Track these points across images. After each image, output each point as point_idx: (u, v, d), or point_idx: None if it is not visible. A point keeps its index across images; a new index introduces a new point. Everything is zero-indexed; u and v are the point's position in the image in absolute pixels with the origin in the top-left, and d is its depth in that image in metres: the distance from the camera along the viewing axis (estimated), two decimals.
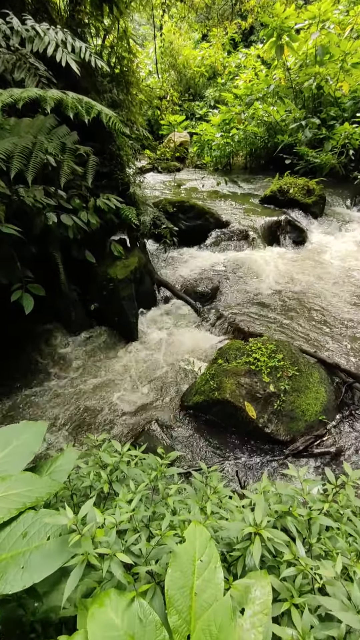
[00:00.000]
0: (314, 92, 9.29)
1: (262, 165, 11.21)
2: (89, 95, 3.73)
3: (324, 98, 9.51)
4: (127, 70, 5.55)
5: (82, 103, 2.83)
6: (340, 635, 1.06)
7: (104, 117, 2.94)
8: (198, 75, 14.39)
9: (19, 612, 1.17)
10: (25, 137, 2.83)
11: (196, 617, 1.02)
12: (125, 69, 5.48)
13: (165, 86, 12.49)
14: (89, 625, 0.94)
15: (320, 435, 3.40)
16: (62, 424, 3.49)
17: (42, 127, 2.92)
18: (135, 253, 4.81)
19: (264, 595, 1.14)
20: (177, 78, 14.24)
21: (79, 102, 2.82)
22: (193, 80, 14.59)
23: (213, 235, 6.65)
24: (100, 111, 2.98)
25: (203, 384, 3.58)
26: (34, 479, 1.24)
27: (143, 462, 1.74)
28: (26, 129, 2.89)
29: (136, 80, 6.00)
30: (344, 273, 6.05)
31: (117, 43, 5.29)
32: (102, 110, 3.01)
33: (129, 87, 5.57)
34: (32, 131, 2.93)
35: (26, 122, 2.97)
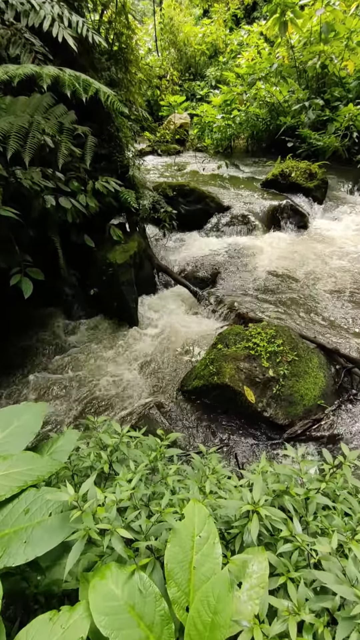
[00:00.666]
0: (318, 72, 9.03)
1: (263, 148, 10.99)
2: (87, 73, 3.62)
3: (328, 78, 9.24)
4: (126, 48, 5.37)
5: (79, 80, 2.75)
6: (335, 606, 1.10)
7: (102, 95, 2.86)
8: (199, 53, 13.94)
9: (22, 584, 1.21)
10: (22, 116, 2.76)
11: (195, 589, 1.05)
12: (124, 46, 5.31)
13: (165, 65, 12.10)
14: (90, 596, 0.97)
15: (318, 420, 3.44)
16: (62, 407, 3.52)
17: (39, 105, 2.84)
18: (134, 238, 4.77)
19: (260, 570, 1.17)
20: (178, 56, 13.79)
21: (76, 80, 2.74)
22: (194, 59, 14.14)
23: (213, 220, 6.57)
24: (99, 89, 2.90)
25: (202, 369, 3.60)
26: (35, 458, 1.26)
27: (143, 444, 1.77)
28: (22, 107, 2.82)
29: (135, 58, 5.82)
30: (345, 258, 6.01)
31: (116, 18, 5.10)
32: (101, 88, 2.92)
33: (128, 66, 5.40)
34: (28, 110, 2.86)
35: (22, 100, 2.89)
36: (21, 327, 4.15)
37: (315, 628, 1.05)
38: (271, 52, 9.49)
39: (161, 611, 1.00)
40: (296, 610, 1.06)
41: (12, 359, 3.97)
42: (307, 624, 1.06)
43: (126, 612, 0.98)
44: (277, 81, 9.24)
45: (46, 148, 3.38)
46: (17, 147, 2.72)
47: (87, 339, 4.36)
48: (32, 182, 3.28)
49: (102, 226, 4.49)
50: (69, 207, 3.59)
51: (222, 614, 0.98)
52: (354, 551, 1.21)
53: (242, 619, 1.05)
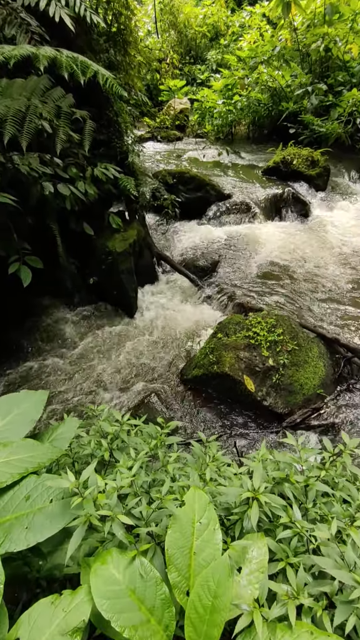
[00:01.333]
0: (321, 55, 8.80)
1: (265, 135, 10.79)
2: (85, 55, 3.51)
3: (332, 61, 9.02)
4: (125, 29, 5.21)
5: (77, 62, 2.67)
6: (333, 591, 1.11)
7: (100, 78, 2.79)
8: (200, 35, 13.56)
9: (24, 569, 1.22)
10: (18, 99, 2.69)
11: (195, 574, 1.06)
12: (123, 27, 5.15)
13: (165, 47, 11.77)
14: (91, 580, 0.98)
15: (318, 408, 3.45)
16: (62, 396, 3.53)
17: (36, 88, 2.77)
18: (134, 226, 4.71)
19: (260, 555, 1.18)
20: (178, 39, 13.42)
21: (73, 61, 2.66)
22: (194, 42, 13.76)
23: (214, 208, 6.49)
24: (97, 71, 2.82)
25: (202, 358, 3.60)
26: (35, 446, 1.26)
27: (143, 432, 1.77)
28: (19, 90, 2.74)
29: (134, 40, 5.66)
30: (346, 248, 5.96)
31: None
32: (99, 70, 2.84)
33: (127, 48, 5.26)
34: (25, 93, 2.78)
35: (19, 83, 2.82)
36: (21, 315, 4.13)
37: (314, 612, 1.07)
38: (274, 35, 9.25)
39: (162, 595, 1.01)
40: (295, 595, 1.07)
41: (11, 348, 3.96)
42: (306, 607, 1.08)
43: (127, 596, 0.99)
44: (280, 65, 9.02)
45: (44, 133, 3.31)
46: (14, 131, 2.66)
47: (86, 328, 4.34)
48: (29, 168, 3.22)
49: (101, 214, 4.43)
50: (68, 193, 3.53)
51: (222, 598, 0.99)
52: (353, 537, 1.22)
53: (242, 603, 1.06)
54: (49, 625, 0.94)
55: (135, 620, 0.96)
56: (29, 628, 0.95)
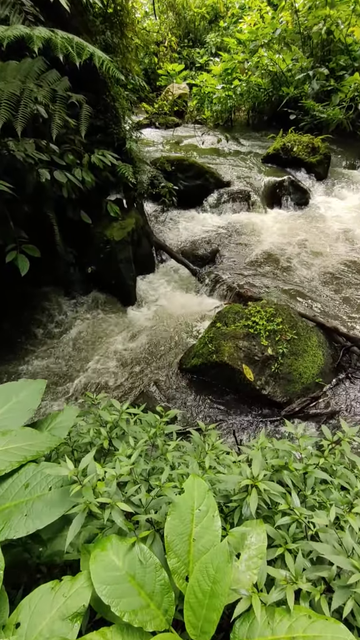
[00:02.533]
0: (323, 38, 8.59)
1: (265, 121, 10.61)
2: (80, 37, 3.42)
3: (333, 45, 8.80)
4: (122, 10, 5.07)
5: (72, 43, 2.59)
6: (331, 576, 1.12)
7: (96, 60, 2.71)
8: (199, 17, 13.18)
9: (24, 555, 1.23)
10: (12, 82, 2.62)
11: (194, 560, 1.07)
12: (120, 8, 5.00)
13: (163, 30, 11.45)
14: (91, 566, 0.98)
15: (316, 397, 3.47)
16: (61, 385, 3.53)
17: (30, 71, 2.69)
18: (132, 214, 4.65)
19: (259, 542, 1.19)
20: (176, 21, 13.04)
21: (69, 43, 2.58)
22: (193, 24, 13.39)
23: (213, 196, 6.41)
24: (93, 53, 2.74)
25: (201, 347, 3.59)
26: (34, 434, 1.25)
27: (142, 420, 1.77)
28: (13, 73, 2.66)
29: (131, 22, 5.51)
30: (347, 237, 5.91)
31: None
32: (95, 52, 2.76)
33: (124, 30, 5.11)
34: (19, 76, 2.70)
35: (12, 65, 2.73)
36: (19, 305, 4.11)
37: (312, 596, 1.08)
38: (275, 17, 9.00)
39: (161, 580, 1.02)
40: (293, 579, 1.08)
41: (10, 337, 3.95)
42: (304, 592, 1.09)
43: (127, 582, 1.00)
44: (280, 48, 8.81)
45: (39, 118, 3.23)
46: (8, 116, 2.59)
47: (85, 317, 4.33)
48: (25, 155, 3.15)
49: (98, 202, 4.37)
50: (65, 181, 3.47)
51: (221, 583, 1.00)
52: (351, 523, 1.23)
53: (240, 588, 1.07)
54: (50, 610, 0.95)
55: (134, 605, 0.96)
56: (29, 613, 0.96)
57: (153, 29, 11.32)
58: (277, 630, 0.98)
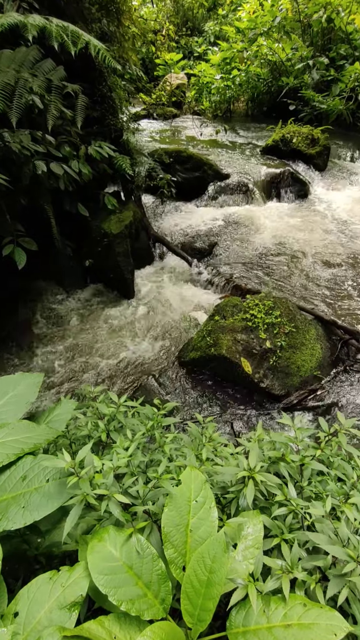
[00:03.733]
0: (323, 26, 8.45)
1: (264, 112, 10.49)
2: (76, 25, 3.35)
3: (334, 33, 8.68)
4: None
5: (67, 32, 2.54)
6: (326, 565, 1.13)
7: (92, 49, 2.66)
8: (197, 5, 12.94)
9: (23, 546, 1.25)
10: (7, 72, 2.57)
11: (191, 550, 1.08)
12: None
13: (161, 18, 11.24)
14: (89, 557, 0.99)
15: (314, 390, 3.48)
16: (59, 379, 3.54)
17: (25, 60, 2.64)
18: (130, 207, 4.61)
19: (256, 532, 1.21)
20: (174, 8, 12.80)
21: (64, 31, 2.53)
22: (191, 12, 13.14)
23: (212, 189, 6.35)
24: (89, 42, 2.69)
25: (200, 340, 3.59)
26: (31, 427, 1.26)
27: (140, 413, 1.77)
28: (7, 62, 2.62)
29: (129, 9, 5.40)
30: (346, 229, 5.89)
31: None
32: (91, 41, 2.71)
33: (121, 17, 5.01)
34: (14, 65, 2.66)
35: (7, 54, 2.69)
36: (17, 299, 4.09)
37: (308, 585, 1.09)
38: (274, 4, 8.83)
39: (158, 570, 1.03)
40: (289, 569, 1.09)
41: (8, 331, 3.94)
42: (300, 581, 1.10)
43: (124, 572, 1.01)
44: (280, 37, 8.67)
45: (35, 109, 3.18)
46: (3, 106, 2.55)
47: (83, 311, 4.32)
48: (21, 146, 3.10)
49: (96, 195, 4.33)
50: (61, 173, 3.44)
51: (218, 573, 1.01)
52: (347, 514, 1.24)
53: (237, 577, 1.09)
54: (48, 600, 0.96)
55: (132, 595, 0.98)
56: (27, 602, 0.97)
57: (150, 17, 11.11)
58: (272, 618, 0.99)
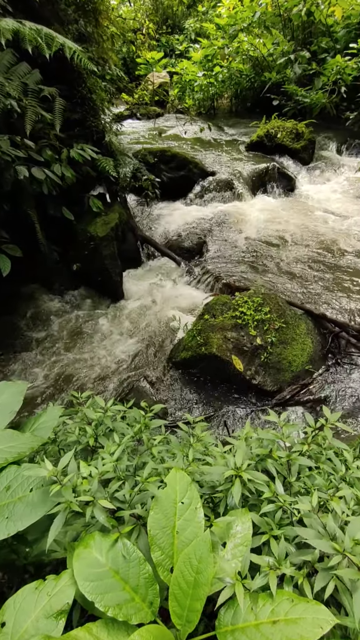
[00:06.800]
0: (303, 20, 8.45)
1: (248, 108, 10.50)
2: (51, 27, 3.32)
3: (314, 27, 8.69)
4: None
5: (41, 34, 2.52)
6: (315, 558, 1.14)
7: (67, 51, 2.64)
8: (176, 2, 12.89)
9: (12, 556, 1.24)
10: None
11: (178, 552, 1.08)
12: None
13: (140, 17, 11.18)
14: (74, 564, 0.99)
15: (306, 384, 3.50)
16: (47, 384, 3.52)
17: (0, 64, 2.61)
18: (115, 208, 4.60)
19: (244, 530, 1.21)
20: (153, 6, 12.74)
21: (37, 34, 2.50)
22: (171, 9, 13.09)
23: (198, 187, 6.35)
24: (64, 44, 2.67)
25: (190, 340, 3.59)
26: (15, 436, 1.25)
27: (128, 416, 1.77)
28: None
29: (106, 9, 5.36)
30: (332, 222, 5.92)
31: None
32: (65, 43, 2.69)
33: (98, 18, 4.98)
34: None
35: None
36: (4, 304, 4.06)
37: (296, 580, 1.10)
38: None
39: (145, 574, 1.03)
40: (277, 565, 1.10)
41: None
42: (288, 576, 1.11)
43: (111, 577, 1.01)
44: (261, 32, 8.67)
45: (13, 113, 3.16)
46: None
47: (71, 315, 4.30)
48: (0, 152, 3.08)
49: (80, 197, 4.30)
50: (43, 177, 3.41)
51: (204, 573, 1.01)
52: (334, 507, 1.25)
53: (225, 576, 1.09)
54: (34, 609, 0.96)
55: (119, 600, 0.98)
56: (14, 612, 0.97)
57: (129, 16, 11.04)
58: (260, 615, 1.00)
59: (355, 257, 5.02)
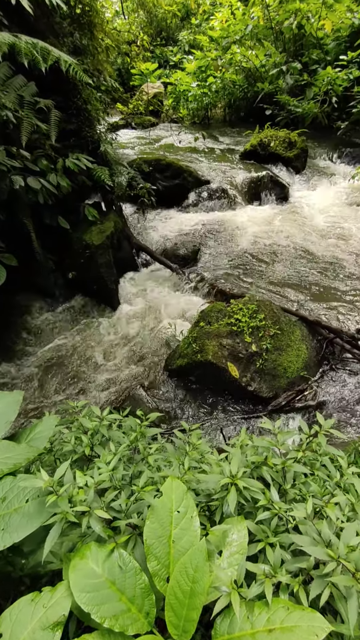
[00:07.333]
0: (294, 32, 8.66)
1: (241, 117, 10.66)
2: (47, 41, 3.38)
3: (305, 39, 8.89)
4: (90, 10, 5.01)
5: (37, 48, 2.56)
6: (310, 566, 1.15)
7: (62, 64, 2.68)
8: (170, 15, 13.13)
9: (8, 568, 1.23)
10: None
11: (174, 561, 1.09)
12: (88, 9, 4.94)
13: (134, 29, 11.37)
14: (70, 575, 0.99)
15: (302, 390, 3.52)
16: (45, 393, 3.51)
17: None
18: (111, 217, 4.63)
19: (240, 538, 1.22)
20: (147, 19, 12.97)
21: (33, 47, 2.55)
22: (165, 22, 13.33)
23: (192, 195, 6.42)
24: (59, 58, 2.72)
25: (186, 347, 3.61)
26: (11, 447, 1.25)
27: (124, 425, 1.78)
28: None
29: (101, 22, 5.46)
30: (326, 229, 6.00)
31: None
32: (61, 56, 2.74)
33: (93, 30, 5.06)
34: None
35: None
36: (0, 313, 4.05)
37: (292, 588, 1.11)
38: (245, 12, 9.03)
39: (141, 584, 1.03)
40: (272, 573, 1.10)
41: None
42: (284, 584, 1.12)
43: (107, 588, 1.01)
44: (253, 44, 8.84)
45: (9, 124, 3.19)
46: None
47: (67, 323, 4.30)
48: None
49: (76, 206, 4.34)
50: (39, 187, 3.44)
51: (200, 582, 1.02)
52: (329, 514, 1.26)
53: (221, 585, 1.09)
54: (31, 621, 0.96)
55: (115, 611, 0.98)
56: (10, 624, 0.97)
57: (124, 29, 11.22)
58: (256, 624, 1.00)
59: (348, 264, 5.09)
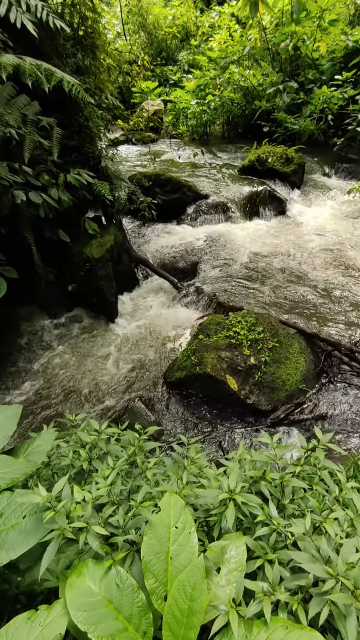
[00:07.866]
0: (290, 54, 8.94)
1: (240, 134, 10.91)
2: (51, 62, 3.49)
3: (301, 60, 9.18)
4: (93, 32, 5.18)
5: (41, 69, 2.65)
6: (309, 583, 1.14)
7: (65, 84, 2.77)
8: (170, 36, 13.56)
9: (4, 586, 1.22)
10: None
11: (172, 579, 1.08)
12: (90, 31, 5.12)
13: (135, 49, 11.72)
14: (67, 594, 0.98)
15: (301, 403, 3.51)
16: (43, 406, 3.49)
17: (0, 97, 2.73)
18: (111, 231, 4.69)
19: (238, 555, 1.21)
20: (148, 40, 13.39)
21: (37, 69, 2.63)
22: (165, 43, 13.76)
23: (191, 209, 6.51)
24: (62, 78, 2.80)
25: (185, 360, 3.61)
26: (8, 461, 1.25)
27: (122, 439, 1.77)
28: None
29: (103, 43, 5.63)
30: (324, 243, 6.08)
31: (79, 1, 4.91)
32: (64, 77, 2.83)
33: (96, 51, 5.22)
34: None
35: None
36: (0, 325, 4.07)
37: (290, 606, 1.09)
38: (243, 34, 9.34)
39: (139, 602, 1.02)
40: (271, 591, 1.09)
41: None
42: (282, 602, 1.10)
43: (104, 607, 1.00)
44: (251, 64, 9.12)
45: (12, 141, 3.27)
46: None
47: (67, 336, 4.31)
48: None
49: (76, 220, 4.40)
50: (40, 201, 3.50)
51: (198, 601, 1.01)
52: (328, 530, 1.25)
53: (219, 604, 1.08)
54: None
55: (112, 630, 0.96)
56: None
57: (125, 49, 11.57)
58: None
59: (345, 277, 5.14)
